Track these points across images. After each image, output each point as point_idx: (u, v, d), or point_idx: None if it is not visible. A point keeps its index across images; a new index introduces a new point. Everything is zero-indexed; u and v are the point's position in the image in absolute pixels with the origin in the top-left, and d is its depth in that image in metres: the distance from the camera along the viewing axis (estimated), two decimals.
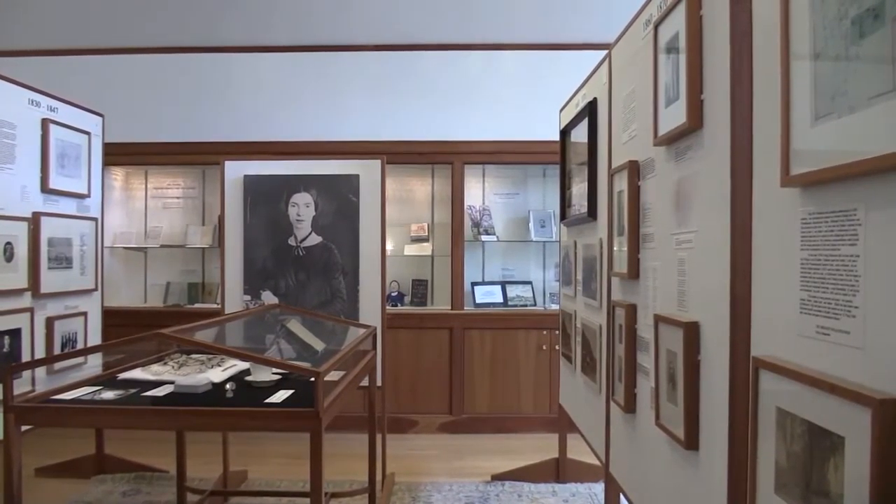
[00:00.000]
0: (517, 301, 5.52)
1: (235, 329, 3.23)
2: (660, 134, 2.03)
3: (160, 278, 5.96)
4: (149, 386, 2.54)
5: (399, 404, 5.24)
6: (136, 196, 6.11)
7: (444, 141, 5.45)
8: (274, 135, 5.52)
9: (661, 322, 2.01)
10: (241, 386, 2.52)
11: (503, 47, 5.51)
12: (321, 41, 5.56)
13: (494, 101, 5.48)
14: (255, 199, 4.25)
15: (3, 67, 3.63)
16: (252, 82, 5.62)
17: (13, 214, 3.47)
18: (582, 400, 3.33)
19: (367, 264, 4.21)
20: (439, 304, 5.67)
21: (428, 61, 5.53)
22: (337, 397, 2.33)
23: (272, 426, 2.17)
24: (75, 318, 4.00)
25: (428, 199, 5.91)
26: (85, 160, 4.11)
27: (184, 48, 5.66)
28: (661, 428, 2.01)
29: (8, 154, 3.44)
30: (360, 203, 4.21)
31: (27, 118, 3.60)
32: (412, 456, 4.68)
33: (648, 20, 2.21)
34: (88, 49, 5.69)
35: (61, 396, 2.36)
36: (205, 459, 4.13)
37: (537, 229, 5.63)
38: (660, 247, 2.10)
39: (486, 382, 5.30)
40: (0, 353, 3.33)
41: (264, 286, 4.21)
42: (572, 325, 3.50)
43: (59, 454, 4.26)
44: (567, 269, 3.70)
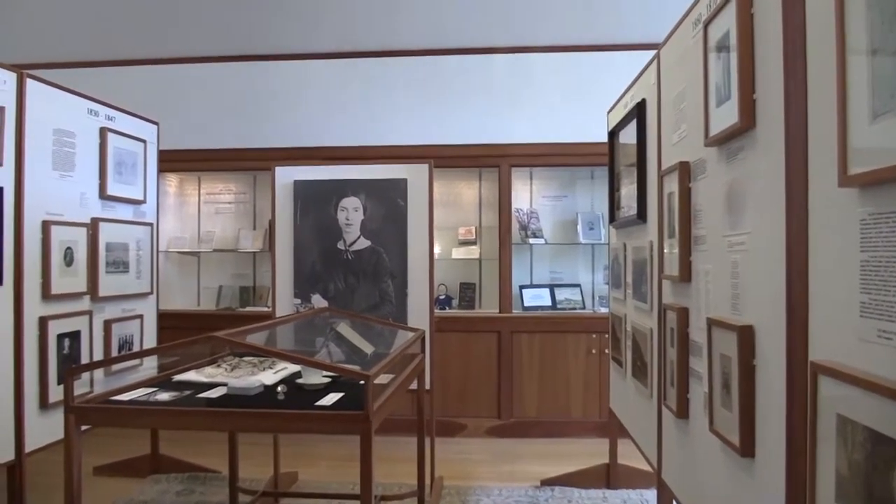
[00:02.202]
0: (566, 304, 5.48)
1: (286, 332, 3.27)
2: (711, 134, 1.99)
3: (213, 282, 6.08)
4: (202, 388, 2.58)
5: (447, 408, 5.25)
6: (189, 202, 6.24)
7: (492, 144, 5.44)
8: (323, 140, 5.59)
9: (715, 326, 1.97)
10: (292, 388, 2.55)
11: (550, 49, 5.48)
12: (369, 47, 5.61)
13: (542, 104, 5.45)
14: (305, 203, 4.30)
15: (64, 78, 3.74)
16: (302, 89, 5.70)
17: (73, 220, 3.57)
18: (633, 404, 3.29)
19: (415, 268, 4.22)
20: (487, 307, 5.66)
21: (475, 64, 5.53)
22: (386, 400, 2.34)
23: (323, 428, 2.19)
24: (132, 320, 4.10)
25: (475, 203, 5.90)
26: (141, 167, 4.22)
27: (235, 57, 5.77)
28: (715, 434, 1.97)
29: (68, 162, 3.55)
30: (408, 207, 4.23)
31: (86, 127, 3.71)
32: (461, 460, 4.67)
33: (698, 19, 2.17)
34: (144, 59, 5.84)
35: (119, 398, 2.42)
36: (256, 461, 4.19)
37: (586, 232, 5.58)
38: (712, 249, 2.06)
39: (535, 386, 5.27)
40: (61, 354, 3.44)
41: (314, 290, 4.26)
42: (622, 329, 3.46)
43: (115, 454, 4.37)
44: (616, 272, 3.66)
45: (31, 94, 3.25)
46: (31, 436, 3.20)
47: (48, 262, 3.36)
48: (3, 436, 3.06)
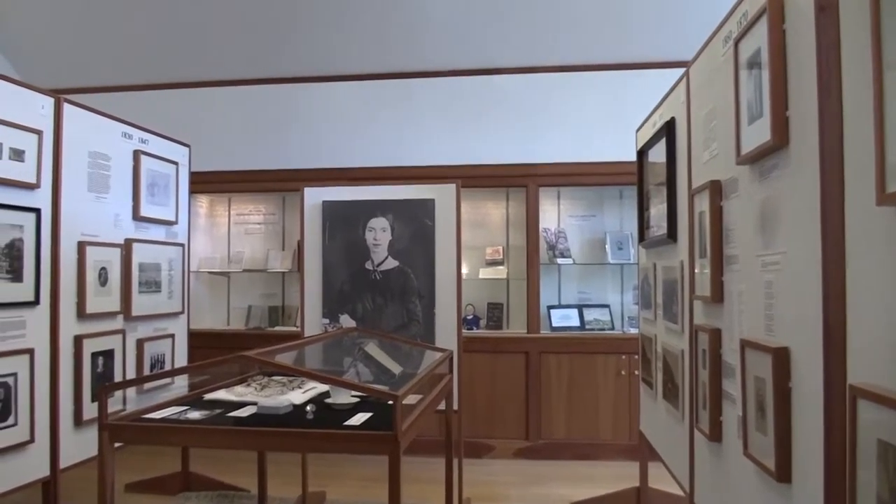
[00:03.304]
0: (594, 325, 5.44)
1: (315, 352, 3.28)
2: (743, 152, 1.97)
3: (242, 302, 6.13)
4: (232, 407, 2.60)
5: (475, 429, 5.21)
6: (219, 222, 6.32)
7: (519, 164, 5.45)
8: (351, 161, 5.64)
9: (748, 347, 1.94)
10: (320, 408, 2.55)
11: (577, 68, 5.48)
12: (395, 68, 5.66)
13: (569, 123, 5.45)
14: (334, 224, 4.33)
15: (99, 103, 3.83)
16: (330, 110, 5.76)
17: (108, 241, 3.63)
18: (664, 427, 3.24)
19: (443, 288, 4.22)
20: (515, 327, 5.64)
21: (501, 84, 5.56)
22: (415, 421, 2.33)
23: (351, 448, 2.19)
24: (163, 339, 4.15)
25: (503, 223, 5.90)
26: (173, 189, 4.28)
27: (265, 80, 5.85)
28: (749, 458, 1.93)
29: (103, 184, 3.62)
30: (435, 227, 4.24)
31: (120, 150, 3.78)
32: (489, 481, 4.63)
33: (728, 36, 2.16)
34: (176, 83, 5.95)
35: (151, 416, 2.44)
36: (284, 479, 4.19)
37: (614, 251, 5.54)
38: (745, 269, 2.04)
39: (564, 407, 5.22)
40: (95, 373, 3.48)
41: (342, 310, 4.28)
42: (652, 350, 3.42)
43: (147, 471, 4.40)
44: (646, 293, 3.62)
45: (68, 117, 3.33)
46: (66, 452, 3.25)
47: (83, 282, 3.42)
48: (39, 452, 3.10)
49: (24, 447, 3.01)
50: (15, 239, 2.99)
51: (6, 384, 2.91)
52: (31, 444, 3.04)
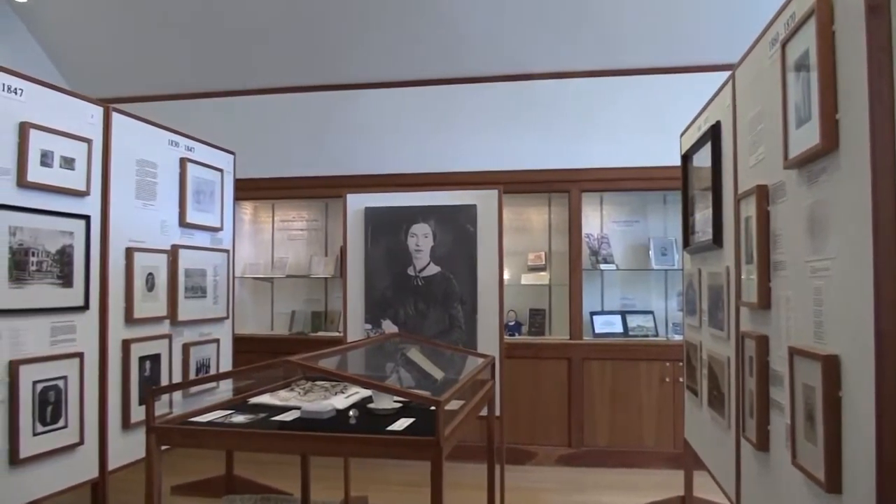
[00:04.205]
0: (638, 331, 5.37)
1: (357, 357, 3.30)
2: (791, 156, 1.93)
3: (286, 307, 6.20)
4: (276, 411, 2.63)
5: (517, 435, 5.19)
6: (263, 229, 6.40)
7: (561, 169, 5.42)
8: (394, 167, 5.67)
9: (797, 355, 1.89)
10: (363, 413, 2.56)
11: (621, 73, 5.44)
12: (439, 75, 5.68)
13: (612, 128, 5.41)
14: (376, 230, 4.36)
15: (146, 111, 3.92)
16: (373, 117, 5.80)
17: (155, 247, 3.71)
18: (709, 435, 3.18)
19: (485, 293, 4.22)
20: (557, 333, 5.60)
21: (543, 90, 5.54)
22: (457, 426, 2.33)
23: (394, 454, 2.19)
24: (209, 344, 4.22)
25: (545, 228, 5.87)
26: (218, 196, 4.35)
27: (308, 87, 5.92)
28: (798, 468, 1.89)
29: (150, 191, 3.70)
30: (477, 233, 4.24)
31: (167, 158, 3.86)
32: (531, 488, 4.61)
33: (775, 39, 2.12)
34: (220, 91, 6.06)
35: (197, 419, 2.48)
36: (327, 483, 4.22)
37: (658, 257, 5.47)
38: (793, 275, 1.99)
39: (607, 415, 5.17)
40: (142, 376, 3.55)
41: (385, 315, 4.30)
42: (697, 357, 3.36)
43: (192, 473, 4.47)
44: (691, 299, 3.57)
45: (117, 126, 3.42)
46: (114, 454, 3.32)
47: (131, 288, 3.50)
48: (88, 454, 3.18)
49: (74, 449, 3.08)
50: (65, 245, 3.07)
51: (57, 387, 2.99)
52: (81, 445, 3.12)
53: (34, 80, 2.95)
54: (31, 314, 2.89)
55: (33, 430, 2.86)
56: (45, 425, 2.92)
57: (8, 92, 2.81)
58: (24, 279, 2.85)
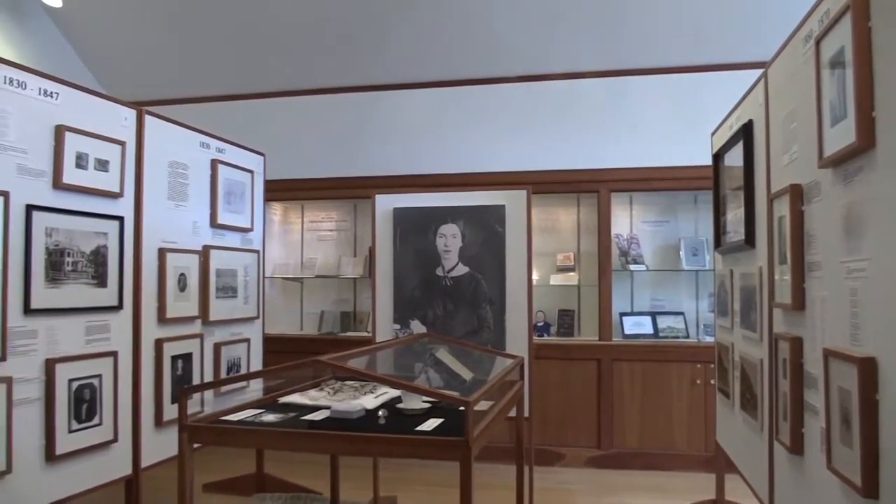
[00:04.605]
0: (668, 332, 5.32)
1: (386, 357, 3.31)
2: (825, 155, 1.90)
3: (315, 307, 6.24)
4: (306, 410, 2.64)
5: (546, 436, 5.17)
6: (293, 229, 6.45)
7: (590, 169, 5.39)
8: (422, 168, 5.68)
9: (832, 357, 1.86)
10: (392, 413, 2.57)
11: (650, 71, 5.39)
12: (465, 75, 5.68)
13: (641, 127, 5.36)
14: (405, 230, 4.37)
15: (177, 114, 3.97)
16: (401, 118, 5.82)
17: (186, 248, 3.76)
18: (741, 438, 3.14)
19: (514, 294, 4.20)
20: (586, 334, 5.57)
21: (572, 89, 5.51)
22: (486, 427, 2.33)
23: (423, 454, 2.19)
24: (239, 343, 4.26)
25: (574, 228, 5.84)
26: (248, 197, 4.39)
27: (336, 89, 5.96)
28: (833, 472, 1.85)
29: (182, 192, 3.75)
30: (506, 233, 4.23)
31: (198, 159, 3.91)
32: (560, 490, 4.58)
33: (809, 35, 2.09)
34: (250, 94, 6.12)
35: (228, 417, 2.50)
36: (356, 483, 4.24)
37: (689, 258, 5.41)
38: (828, 276, 1.96)
39: (636, 416, 5.12)
40: (174, 375, 3.60)
41: (413, 315, 4.31)
42: (729, 359, 3.32)
43: (222, 471, 4.51)
44: (723, 300, 3.53)
45: (149, 129, 3.47)
46: (147, 452, 3.37)
47: (164, 288, 3.54)
48: (122, 451, 3.23)
49: (108, 446, 3.14)
50: (100, 246, 3.12)
51: (92, 385, 3.04)
52: (115, 443, 3.17)
53: (69, 83, 3.01)
54: (67, 313, 2.95)
55: (69, 428, 2.92)
56: (81, 423, 2.98)
57: (44, 95, 2.86)
58: (59, 279, 2.90)
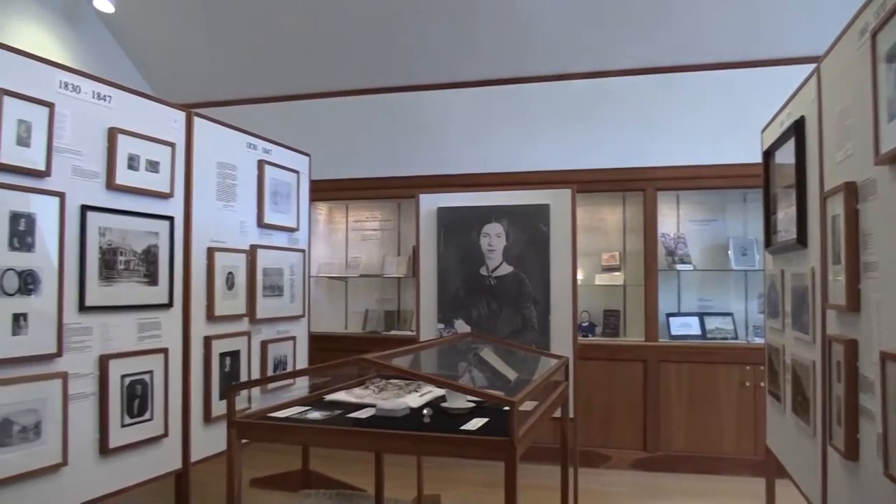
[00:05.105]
0: (717, 333, 5.23)
1: (430, 356, 3.32)
2: (882, 152, 1.84)
3: (359, 306, 6.29)
4: (351, 408, 2.66)
5: (591, 437, 5.12)
6: (337, 229, 6.51)
7: (636, 167, 5.32)
8: (466, 167, 5.68)
9: (889, 360, 1.81)
10: (436, 412, 2.57)
11: (698, 68, 5.30)
12: (509, 74, 5.66)
13: (688, 124, 5.27)
14: (448, 230, 4.37)
15: (224, 116, 4.04)
16: (445, 117, 5.82)
17: (234, 247, 3.82)
18: (793, 443, 3.07)
19: (558, 294, 4.18)
20: (632, 335, 5.50)
21: (616, 86, 5.45)
22: (531, 427, 2.32)
23: (467, 453, 2.19)
24: (286, 341, 4.31)
25: (619, 228, 5.77)
26: (294, 197, 4.45)
27: (380, 89, 5.99)
28: (891, 479, 1.80)
29: (230, 193, 3.81)
30: (550, 232, 4.20)
31: (246, 160, 3.97)
32: (604, 492, 4.54)
33: (864, 29, 2.03)
34: (296, 95, 6.19)
35: (275, 414, 2.54)
36: (400, 481, 4.25)
37: (738, 257, 5.31)
38: (885, 276, 1.90)
39: (684, 419, 5.05)
40: (222, 372, 3.66)
41: (457, 315, 4.31)
42: (780, 361, 3.25)
43: (268, 467, 4.57)
44: (773, 300, 3.45)
45: (198, 130, 3.54)
46: (196, 446, 3.44)
47: (212, 286, 3.61)
48: (172, 446, 3.30)
49: (159, 441, 3.21)
50: (151, 245, 3.19)
51: (143, 381, 3.12)
52: (165, 437, 3.24)
53: (121, 87, 3.08)
54: (120, 311, 3.02)
55: (122, 422, 2.99)
56: (133, 417, 3.05)
57: (98, 99, 2.94)
58: (112, 277, 2.97)
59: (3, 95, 2.47)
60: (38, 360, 2.60)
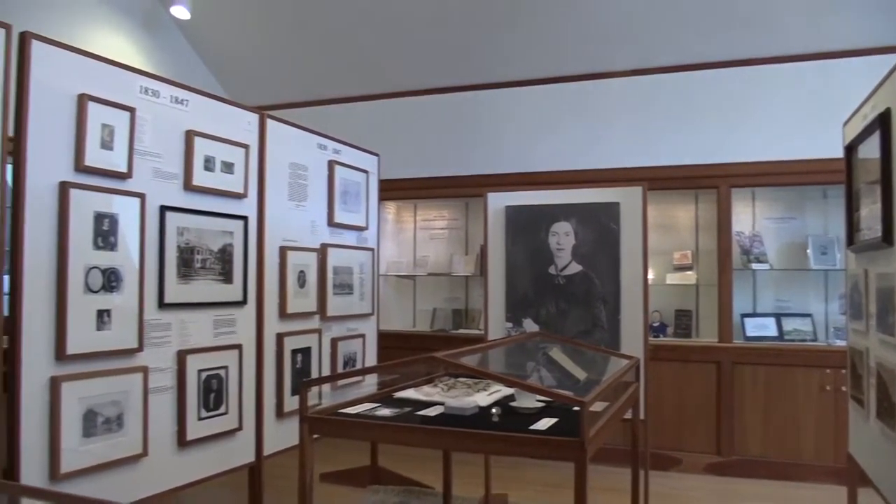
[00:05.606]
0: (794, 335, 5.05)
1: (499, 355, 3.31)
2: None
3: (427, 304, 6.32)
4: (420, 406, 2.67)
5: (662, 440, 5.02)
6: (406, 228, 6.56)
7: (708, 164, 5.19)
8: (534, 166, 5.65)
9: None
10: (505, 411, 2.56)
11: (772, 60, 5.12)
12: (578, 71, 5.60)
13: (763, 119, 5.11)
14: (516, 228, 4.35)
15: (295, 117, 4.11)
16: (512, 116, 5.80)
17: (306, 246, 3.89)
18: (878, 450, 2.94)
19: (628, 293, 4.11)
20: (705, 336, 5.37)
21: (689, 81, 5.32)
22: (601, 428, 2.28)
23: (537, 453, 2.17)
24: (355, 339, 4.37)
25: (692, 226, 5.64)
26: (363, 196, 4.50)
27: (448, 88, 6.01)
28: None
29: (302, 193, 3.88)
30: (620, 231, 4.14)
31: (316, 161, 4.03)
32: (677, 496, 4.45)
33: None
34: (364, 95, 6.27)
35: (345, 410, 2.57)
36: (466, 480, 4.26)
37: (817, 256, 5.11)
38: None
39: (759, 423, 4.89)
40: (294, 368, 3.74)
41: (525, 314, 4.29)
42: (864, 365, 3.12)
43: (336, 462, 4.64)
44: (856, 301, 3.31)
45: (271, 132, 3.61)
46: (269, 441, 3.52)
47: (284, 284, 3.68)
48: (246, 439, 3.38)
49: (234, 434, 3.29)
50: (226, 244, 3.27)
51: (219, 376, 3.20)
52: (240, 431, 3.32)
53: (197, 90, 3.17)
54: (197, 308, 3.11)
55: (198, 415, 3.08)
56: (209, 411, 3.13)
57: (176, 103, 3.03)
58: (190, 276, 3.06)
59: (88, 101, 2.58)
60: (120, 354, 2.70)
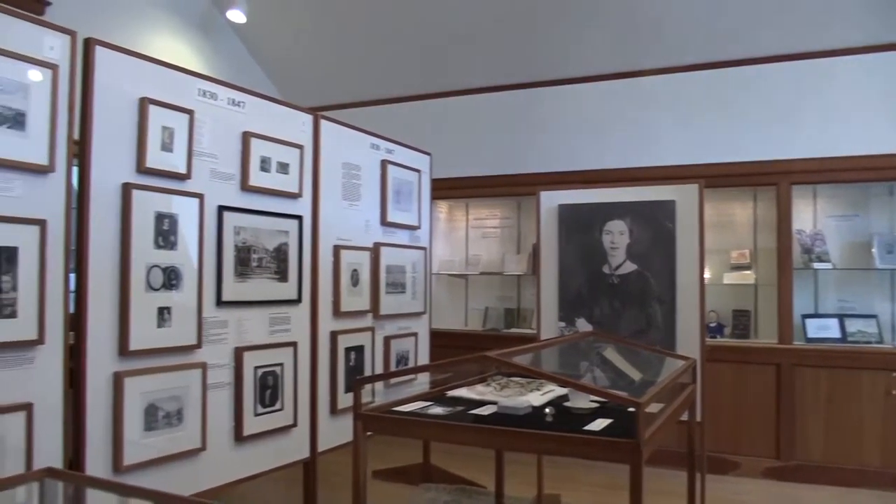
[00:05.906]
0: (859, 337, 4.89)
1: (552, 355, 3.28)
2: None
3: (479, 303, 6.32)
4: (473, 405, 2.67)
5: (719, 443, 4.90)
6: (458, 227, 6.57)
7: (768, 161, 5.06)
8: (587, 164, 5.59)
9: None
10: (559, 411, 2.54)
11: (833, 53, 4.95)
12: (630, 67, 5.52)
13: (825, 114, 4.95)
14: (570, 227, 4.31)
15: (348, 117, 4.15)
16: (564, 113, 5.76)
17: (359, 245, 3.92)
18: None
19: (684, 293, 4.03)
20: (764, 337, 5.23)
21: (746, 76, 5.20)
22: (657, 430, 2.24)
23: (591, 454, 2.14)
24: (407, 337, 4.38)
25: (750, 224, 5.51)
26: (416, 195, 4.51)
27: (499, 87, 6.00)
28: None
29: (355, 193, 3.91)
30: (676, 229, 4.06)
31: (369, 160, 4.06)
32: (734, 500, 4.35)
33: None
34: (417, 95, 6.30)
35: (399, 408, 2.58)
36: (519, 479, 4.23)
37: (883, 255, 4.94)
38: None
39: (821, 427, 4.75)
40: (347, 366, 3.77)
41: (579, 313, 4.24)
42: None
43: (389, 460, 4.66)
44: None
45: (325, 133, 3.66)
46: (323, 437, 3.57)
47: (338, 283, 3.72)
48: (301, 435, 3.43)
49: (289, 430, 3.34)
50: (282, 243, 3.33)
51: (275, 373, 3.25)
52: (294, 427, 3.37)
53: (253, 93, 3.23)
54: (253, 306, 3.17)
55: (255, 411, 3.13)
56: (265, 407, 3.19)
57: (233, 105, 3.09)
58: (246, 274, 3.12)
59: (149, 104, 2.65)
60: (180, 350, 2.77)
